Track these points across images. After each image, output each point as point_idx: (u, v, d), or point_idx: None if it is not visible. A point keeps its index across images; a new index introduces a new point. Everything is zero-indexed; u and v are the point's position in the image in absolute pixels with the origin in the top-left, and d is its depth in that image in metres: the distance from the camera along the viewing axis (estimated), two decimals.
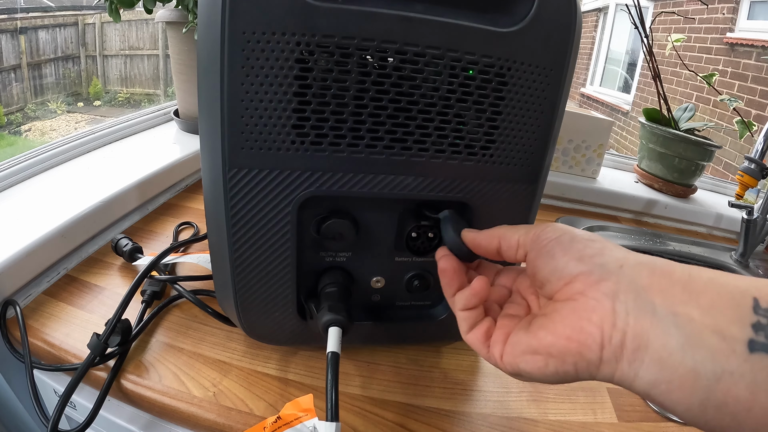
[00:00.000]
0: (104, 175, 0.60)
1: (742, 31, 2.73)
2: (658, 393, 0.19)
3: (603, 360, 0.21)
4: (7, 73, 2.10)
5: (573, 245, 0.24)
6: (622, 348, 0.20)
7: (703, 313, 0.19)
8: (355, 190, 0.32)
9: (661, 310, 0.20)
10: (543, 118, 0.33)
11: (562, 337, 0.22)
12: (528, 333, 0.24)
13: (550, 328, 0.23)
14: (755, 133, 0.91)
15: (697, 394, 0.18)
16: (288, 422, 0.32)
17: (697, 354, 0.18)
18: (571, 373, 0.22)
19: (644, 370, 0.20)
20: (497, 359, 0.26)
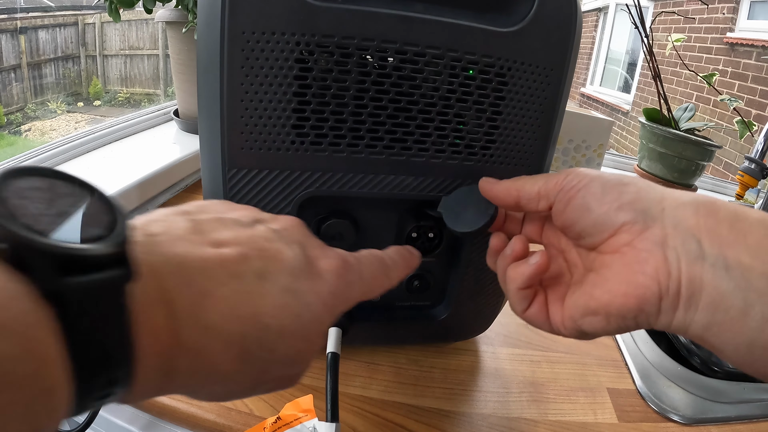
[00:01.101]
0: (104, 175, 0.60)
1: (742, 31, 2.73)
2: (710, 335, 0.20)
3: (662, 310, 0.21)
4: (7, 73, 2.10)
5: (607, 194, 0.23)
6: (678, 296, 0.20)
7: (751, 255, 0.19)
8: (355, 190, 0.32)
9: (710, 253, 0.20)
10: (543, 118, 0.33)
11: (619, 295, 0.22)
12: (583, 293, 0.24)
13: (605, 286, 0.22)
14: (755, 133, 0.91)
15: (746, 335, 0.19)
16: (288, 423, 0.32)
17: (747, 296, 0.19)
18: (631, 326, 0.22)
19: (698, 315, 0.20)
20: (560, 328, 0.25)
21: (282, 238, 0.21)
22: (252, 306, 0.18)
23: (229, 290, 0.18)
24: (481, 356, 0.46)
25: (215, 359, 0.17)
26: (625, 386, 0.45)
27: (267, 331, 0.19)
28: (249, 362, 0.18)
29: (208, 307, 0.17)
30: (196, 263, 0.18)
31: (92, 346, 0.13)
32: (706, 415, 0.43)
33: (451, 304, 0.40)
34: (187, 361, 0.17)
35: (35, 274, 0.12)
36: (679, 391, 0.45)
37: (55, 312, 0.13)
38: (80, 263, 0.13)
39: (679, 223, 0.21)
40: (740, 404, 0.44)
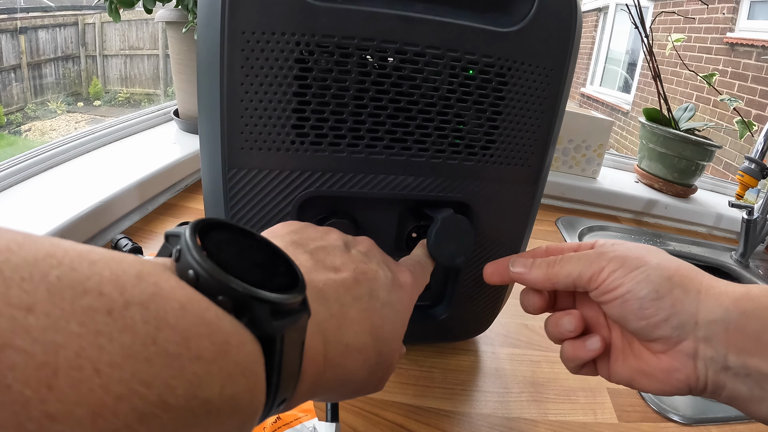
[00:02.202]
0: (104, 175, 0.60)
1: (742, 31, 2.73)
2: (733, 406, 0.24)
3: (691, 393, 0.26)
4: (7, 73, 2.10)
5: (644, 309, 0.25)
6: (705, 391, 0.25)
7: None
8: (355, 190, 0.32)
9: (734, 364, 0.23)
10: (543, 118, 0.33)
11: (658, 387, 0.26)
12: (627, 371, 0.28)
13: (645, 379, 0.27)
14: (755, 133, 0.91)
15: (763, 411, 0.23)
16: (288, 422, 0.32)
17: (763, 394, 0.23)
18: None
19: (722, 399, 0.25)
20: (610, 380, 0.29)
21: (371, 259, 0.26)
22: (370, 321, 0.22)
23: (355, 311, 0.22)
24: (481, 356, 0.46)
25: (351, 369, 0.21)
26: (625, 387, 0.45)
27: (378, 340, 0.23)
28: (367, 367, 0.22)
29: (345, 329, 0.21)
30: (332, 293, 0.21)
31: (283, 374, 0.16)
32: (706, 415, 0.43)
33: (451, 304, 0.40)
34: (332, 374, 0.20)
35: (255, 321, 0.15)
36: None
37: (262, 349, 0.15)
38: (284, 309, 0.16)
39: (710, 339, 0.24)
40: None
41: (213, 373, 0.13)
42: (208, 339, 0.13)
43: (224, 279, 0.14)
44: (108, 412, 0.10)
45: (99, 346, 0.11)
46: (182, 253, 0.15)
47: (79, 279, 0.11)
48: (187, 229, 0.15)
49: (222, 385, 0.13)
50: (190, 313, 0.13)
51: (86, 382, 0.10)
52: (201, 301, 0.14)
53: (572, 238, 0.75)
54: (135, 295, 0.12)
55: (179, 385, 0.12)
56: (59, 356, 0.10)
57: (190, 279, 0.14)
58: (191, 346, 0.12)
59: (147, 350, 0.11)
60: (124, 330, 0.11)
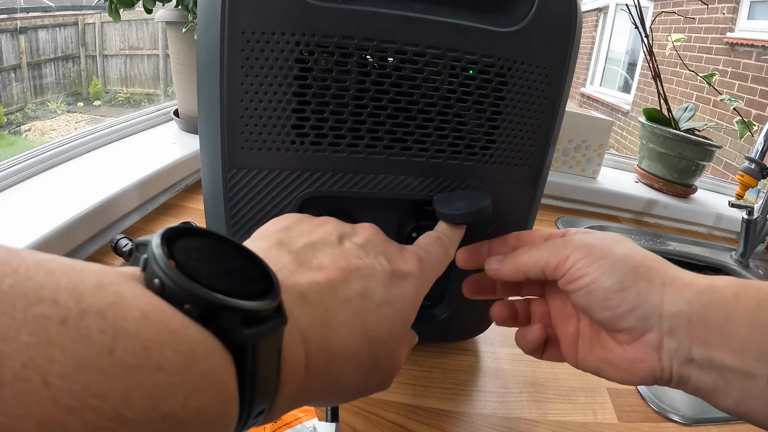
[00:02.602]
0: (104, 175, 0.60)
1: (742, 31, 2.73)
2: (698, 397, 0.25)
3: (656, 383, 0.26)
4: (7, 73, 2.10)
5: (609, 299, 0.25)
6: (670, 381, 0.25)
7: (734, 355, 0.22)
8: (355, 190, 0.32)
9: (698, 357, 0.23)
10: (543, 118, 0.33)
11: (623, 377, 0.26)
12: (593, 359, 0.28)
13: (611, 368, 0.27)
14: (755, 133, 0.91)
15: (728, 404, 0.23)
16: (288, 422, 0.32)
17: (728, 387, 0.23)
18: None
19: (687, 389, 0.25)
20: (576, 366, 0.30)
21: (368, 252, 0.24)
22: (361, 324, 0.21)
23: (343, 316, 0.20)
24: (481, 356, 0.46)
25: (338, 377, 0.20)
26: (625, 386, 0.45)
27: (373, 342, 0.21)
28: (361, 372, 0.21)
29: (330, 336, 0.20)
30: (316, 296, 0.20)
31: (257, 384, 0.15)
32: (706, 415, 0.43)
33: (451, 304, 0.40)
34: (316, 383, 0.19)
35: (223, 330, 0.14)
36: (679, 391, 0.45)
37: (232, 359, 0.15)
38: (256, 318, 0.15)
39: (673, 331, 0.24)
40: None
41: (176, 384, 0.12)
42: (172, 348, 0.12)
43: (189, 287, 0.14)
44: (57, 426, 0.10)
45: (49, 357, 0.10)
46: (148, 261, 0.14)
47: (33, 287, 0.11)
48: (154, 237, 0.15)
49: (186, 398, 0.12)
50: (153, 321, 0.13)
51: (33, 395, 0.10)
52: (165, 309, 0.13)
53: None
54: (92, 304, 0.12)
55: (137, 398, 0.11)
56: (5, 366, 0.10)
57: (155, 288, 0.14)
58: (152, 356, 0.12)
59: (102, 360, 0.11)
60: (78, 340, 0.11)
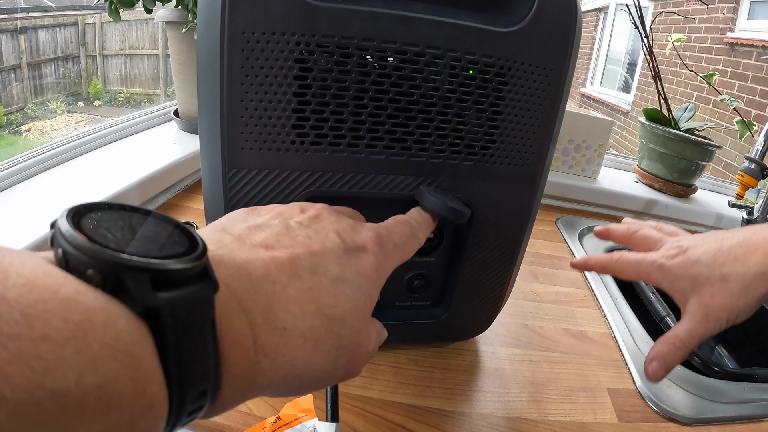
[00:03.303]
0: (104, 175, 0.60)
1: (742, 31, 2.73)
2: None
3: None
4: (7, 73, 2.10)
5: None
6: None
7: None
8: (355, 190, 0.32)
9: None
10: (543, 118, 0.33)
11: None
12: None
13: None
14: (755, 133, 0.91)
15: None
16: (288, 422, 0.32)
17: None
18: None
19: None
20: None
21: (318, 230, 0.23)
22: (315, 300, 0.20)
23: (292, 290, 0.19)
24: (481, 356, 0.46)
25: (293, 356, 0.19)
26: (625, 386, 0.45)
27: (332, 320, 0.20)
28: (321, 352, 0.20)
29: (278, 310, 0.18)
30: (259, 270, 0.19)
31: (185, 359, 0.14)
32: (706, 415, 0.43)
33: (451, 304, 0.40)
34: (268, 362, 0.18)
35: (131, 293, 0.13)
36: (679, 391, 0.45)
37: (149, 328, 0.13)
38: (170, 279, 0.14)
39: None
40: (740, 404, 0.44)
41: (66, 356, 0.11)
42: (60, 317, 0.11)
43: (91, 249, 0.13)
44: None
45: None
46: (54, 235, 0.13)
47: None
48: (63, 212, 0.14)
49: (80, 372, 0.11)
50: (39, 288, 0.11)
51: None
52: (58, 276, 0.12)
53: (572, 238, 0.75)
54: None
55: (17, 373, 0.10)
56: None
57: (59, 260, 0.13)
58: (35, 324, 0.11)
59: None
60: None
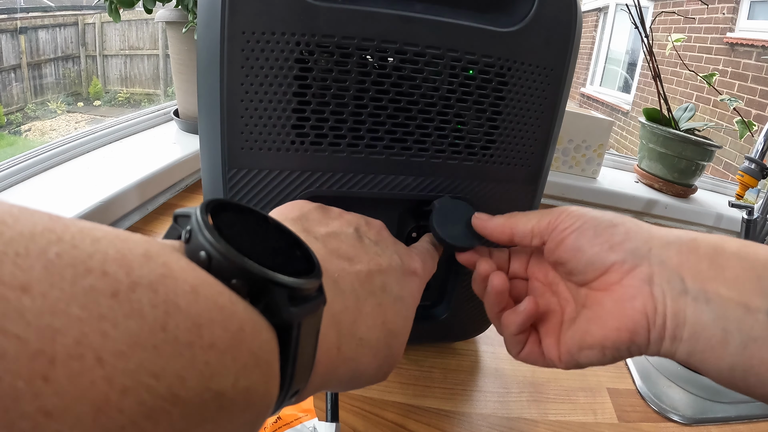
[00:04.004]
0: (104, 175, 0.60)
1: (742, 31, 2.73)
2: (694, 360, 0.22)
3: (651, 341, 0.23)
4: (7, 73, 2.10)
5: (598, 235, 0.25)
6: (665, 329, 0.22)
7: (728, 287, 0.21)
8: (355, 190, 0.32)
9: (692, 288, 0.22)
10: (543, 118, 0.33)
11: (613, 329, 0.23)
12: (578, 330, 0.25)
13: (599, 322, 0.24)
14: (755, 133, 0.91)
15: (727, 360, 0.20)
16: (288, 422, 0.32)
17: (726, 326, 0.20)
18: (625, 356, 0.24)
19: (683, 345, 0.22)
20: (555, 362, 0.27)
21: (384, 249, 0.25)
22: (382, 316, 0.22)
23: (369, 306, 0.21)
24: (481, 356, 0.46)
25: (362, 364, 0.20)
26: (625, 386, 0.45)
27: (390, 334, 0.22)
28: (377, 360, 0.21)
29: (360, 323, 0.20)
30: (347, 286, 0.21)
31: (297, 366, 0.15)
32: (706, 415, 0.43)
33: (451, 304, 0.40)
34: (344, 368, 0.19)
35: (273, 307, 0.14)
36: (679, 391, 0.45)
37: (277, 338, 0.14)
38: (301, 295, 0.15)
39: (664, 262, 0.23)
40: (740, 404, 0.44)
41: (227, 363, 0.12)
42: (222, 326, 0.12)
43: (239, 261, 0.13)
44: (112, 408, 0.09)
45: (102, 333, 0.09)
46: (193, 233, 0.13)
47: (80, 257, 0.10)
48: (198, 208, 0.14)
49: (236, 377, 0.12)
50: (203, 297, 0.12)
51: (87, 374, 0.09)
52: (214, 284, 0.13)
53: None
54: (142, 276, 0.11)
55: (191, 377, 0.11)
56: (57, 343, 0.09)
57: (201, 261, 0.13)
58: (204, 333, 0.11)
59: (155, 338, 0.10)
60: (130, 315, 0.10)
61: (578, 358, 0.25)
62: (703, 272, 0.22)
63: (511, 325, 0.27)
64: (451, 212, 0.31)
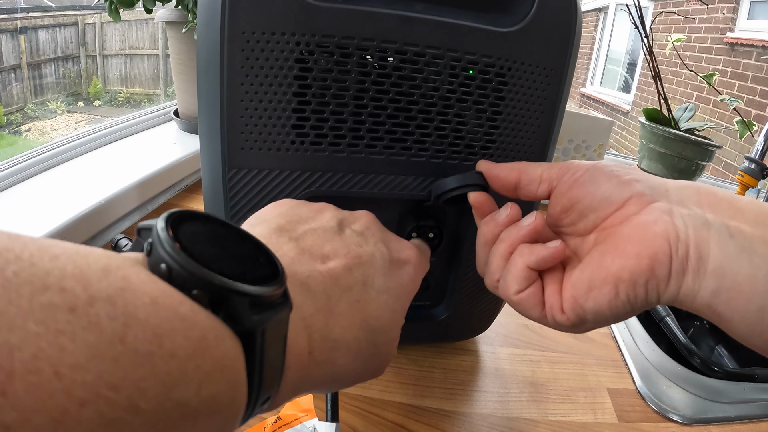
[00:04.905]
0: (104, 175, 0.60)
1: (742, 31, 2.73)
2: (719, 302, 0.20)
3: (672, 273, 0.21)
4: (7, 73, 2.10)
5: (613, 172, 0.24)
6: (687, 259, 0.20)
7: (751, 225, 0.20)
8: (355, 190, 0.32)
9: (714, 222, 0.21)
10: (543, 118, 0.33)
11: (632, 256, 0.21)
12: (588, 266, 0.23)
13: (615, 251, 0.22)
14: (755, 133, 0.91)
15: (755, 301, 0.19)
16: (288, 422, 0.32)
17: (753, 260, 0.19)
18: (641, 297, 0.21)
19: (707, 281, 0.20)
20: (556, 312, 0.24)
21: (368, 240, 0.24)
22: (362, 313, 0.21)
23: (344, 304, 0.20)
24: (481, 356, 0.46)
25: (339, 364, 0.20)
26: (625, 386, 0.45)
27: (374, 331, 0.21)
28: (360, 359, 0.21)
29: (332, 324, 0.20)
30: (318, 286, 0.20)
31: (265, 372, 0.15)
32: (706, 415, 0.43)
33: (451, 304, 0.40)
34: (318, 371, 0.19)
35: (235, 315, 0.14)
36: (679, 391, 0.45)
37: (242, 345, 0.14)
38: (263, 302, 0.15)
39: (683, 200, 0.22)
40: (740, 404, 0.44)
41: (189, 372, 0.12)
42: (183, 335, 0.12)
43: (198, 271, 0.13)
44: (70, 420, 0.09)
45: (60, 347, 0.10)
46: (153, 245, 0.14)
47: (38, 274, 0.10)
48: (158, 221, 0.14)
49: (199, 385, 0.12)
50: (162, 307, 0.12)
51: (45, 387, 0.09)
52: (174, 295, 0.13)
53: None
54: (101, 290, 0.11)
55: (151, 387, 0.11)
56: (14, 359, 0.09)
57: (162, 273, 0.13)
58: (164, 343, 0.11)
59: (114, 349, 0.10)
60: (88, 328, 0.10)
61: (584, 302, 0.22)
62: (724, 210, 0.21)
63: (533, 257, 0.24)
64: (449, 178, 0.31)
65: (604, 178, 0.24)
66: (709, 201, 0.22)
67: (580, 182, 0.25)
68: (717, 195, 0.22)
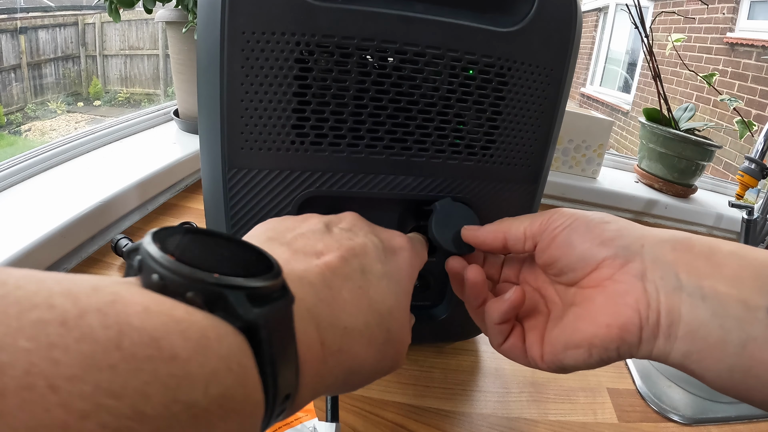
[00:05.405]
0: (104, 175, 0.60)
1: (742, 31, 2.73)
2: (690, 362, 0.21)
3: (642, 340, 0.22)
4: (7, 73, 2.10)
5: (589, 231, 0.24)
6: (658, 326, 0.21)
7: (726, 284, 0.20)
8: (355, 190, 0.32)
9: (687, 284, 0.21)
10: (543, 118, 0.33)
11: (602, 326, 0.22)
12: (565, 327, 0.24)
13: (588, 318, 0.23)
14: (755, 133, 0.91)
15: (726, 361, 0.19)
16: (288, 422, 0.32)
17: (724, 323, 0.19)
18: (613, 358, 0.23)
19: (678, 344, 0.21)
20: (538, 361, 0.26)
21: (357, 233, 0.24)
22: (366, 298, 0.21)
23: (347, 292, 0.20)
24: (481, 356, 0.46)
25: (354, 353, 0.20)
26: (625, 386, 0.45)
27: (382, 315, 0.21)
28: (374, 346, 0.21)
29: (339, 312, 0.20)
30: (317, 278, 0.20)
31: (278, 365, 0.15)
32: (706, 415, 0.43)
33: (451, 304, 0.40)
34: (334, 361, 0.19)
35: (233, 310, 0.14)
36: (679, 391, 0.45)
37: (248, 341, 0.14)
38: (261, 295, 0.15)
39: (658, 258, 0.22)
40: (740, 404, 0.44)
41: (193, 371, 0.12)
42: (181, 336, 0.12)
43: (190, 273, 0.13)
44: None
45: (53, 360, 0.09)
46: (143, 260, 0.14)
47: (25, 295, 0.10)
48: (144, 238, 0.14)
49: (206, 385, 0.12)
50: (155, 313, 0.12)
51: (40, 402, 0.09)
52: (166, 302, 0.13)
53: None
54: (91, 304, 0.11)
55: (155, 391, 0.11)
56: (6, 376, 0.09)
57: (155, 284, 0.13)
58: (162, 346, 0.11)
59: (111, 357, 0.10)
60: (81, 339, 0.10)
61: (563, 358, 0.24)
62: (699, 269, 0.21)
63: (494, 312, 0.26)
64: (450, 215, 0.31)
65: (579, 239, 0.24)
66: (685, 259, 0.21)
67: (557, 242, 0.25)
68: (694, 250, 0.22)
